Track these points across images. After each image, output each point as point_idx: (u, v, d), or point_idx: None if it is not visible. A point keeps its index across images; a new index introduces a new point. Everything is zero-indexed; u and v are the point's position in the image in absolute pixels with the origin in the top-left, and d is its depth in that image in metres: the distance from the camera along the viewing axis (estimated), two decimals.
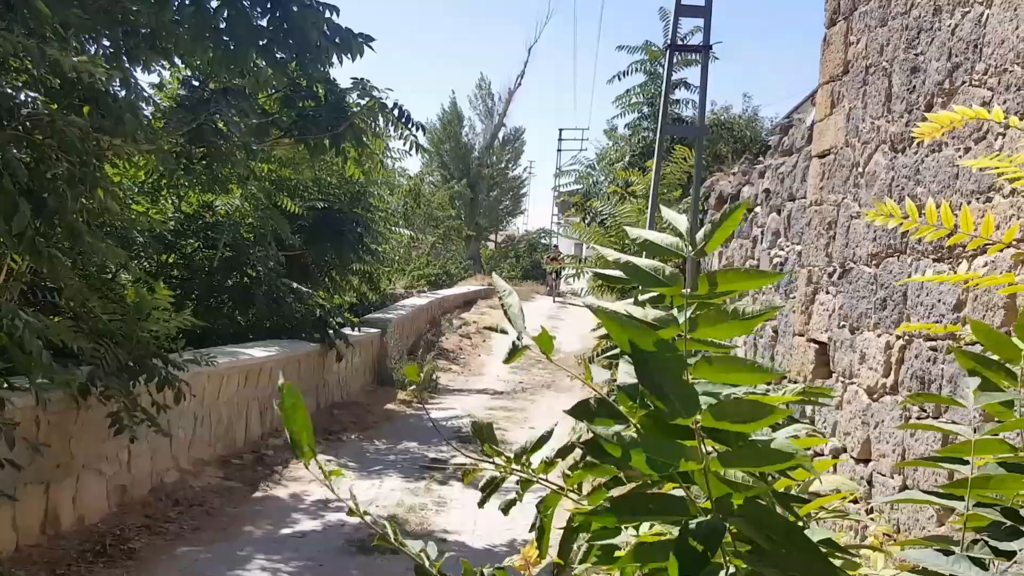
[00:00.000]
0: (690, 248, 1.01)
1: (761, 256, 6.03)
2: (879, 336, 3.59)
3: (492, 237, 39.63)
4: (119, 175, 7.12)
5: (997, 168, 1.97)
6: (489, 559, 1.42)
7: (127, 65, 5.03)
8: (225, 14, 4.85)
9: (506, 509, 1.36)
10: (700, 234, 1.02)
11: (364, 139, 6.65)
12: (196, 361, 5.38)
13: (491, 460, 1.34)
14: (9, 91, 3.82)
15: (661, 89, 8.71)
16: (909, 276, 3.28)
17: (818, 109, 4.55)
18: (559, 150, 41.31)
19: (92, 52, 4.89)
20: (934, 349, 3.12)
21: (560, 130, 48.46)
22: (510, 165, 40.24)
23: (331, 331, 9.67)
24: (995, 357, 1.08)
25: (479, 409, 11.09)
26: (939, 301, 3.03)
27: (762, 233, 6.08)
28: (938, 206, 3.19)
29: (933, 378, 3.09)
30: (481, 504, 1.37)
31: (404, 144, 6.99)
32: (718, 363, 0.95)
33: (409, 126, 6.73)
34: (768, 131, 14.26)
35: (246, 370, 7.57)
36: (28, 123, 3.57)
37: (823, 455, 4.20)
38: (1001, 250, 2.81)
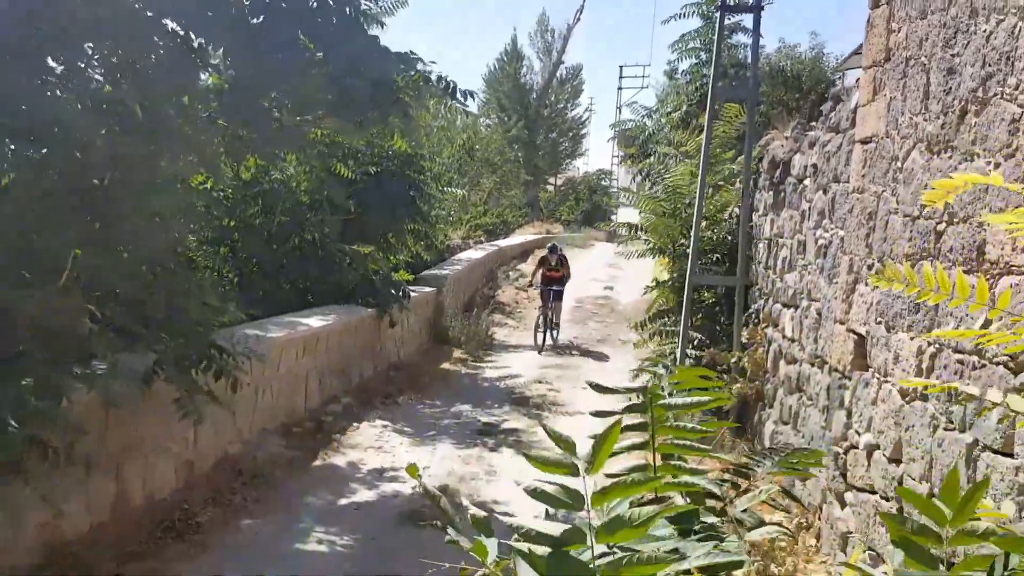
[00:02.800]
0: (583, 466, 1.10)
1: (808, 235, 5.94)
2: (912, 339, 3.57)
3: (551, 180, 39.35)
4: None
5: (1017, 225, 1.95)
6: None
7: None
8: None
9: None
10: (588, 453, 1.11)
11: (410, 113, 6.69)
12: (247, 355, 5.63)
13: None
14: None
15: (715, 39, 8.47)
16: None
17: (861, 93, 4.43)
18: (620, 88, 40.40)
19: None
20: (961, 363, 3.10)
21: (621, 67, 47.20)
22: (569, 105, 39.60)
23: (386, 296, 9.91)
24: (925, 520, 1.13)
25: (533, 368, 11.28)
26: (967, 315, 3.00)
27: (809, 209, 5.98)
28: (967, 219, 3.13)
29: (959, 393, 3.08)
30: None
31: (451, 113, 6.99)
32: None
33: (456, 96, 6.74)
34: (832, 69, 13.74)
35: (303, 341, 7.85)
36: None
37: (858, 448, 4.22)
38: None
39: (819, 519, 5.07)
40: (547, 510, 1.48)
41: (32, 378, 3.95)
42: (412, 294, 10.86)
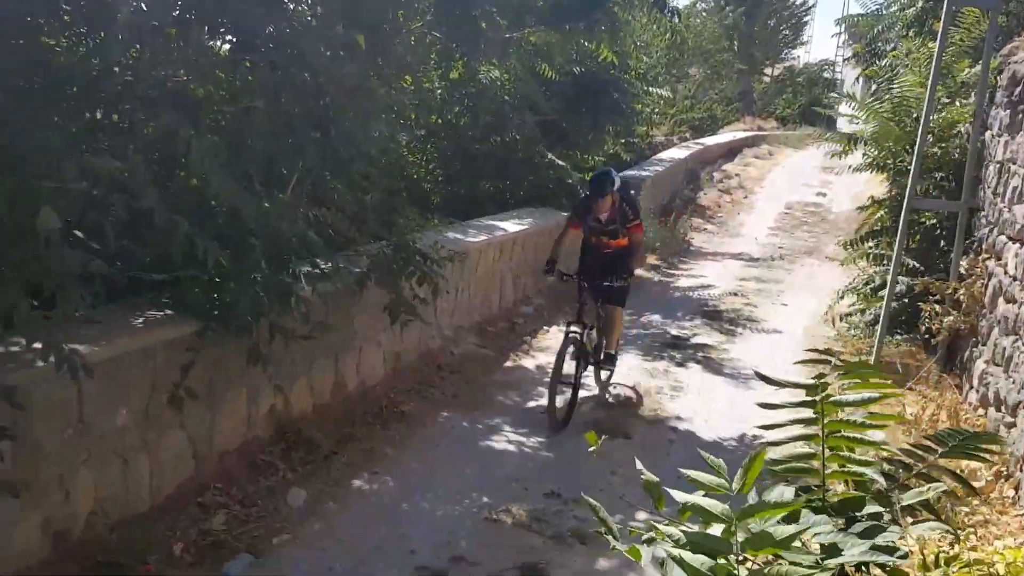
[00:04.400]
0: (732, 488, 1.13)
1: None
2: None
3: (766, 71, 36.89)
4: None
5: None
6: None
7: None
8: None
9: None
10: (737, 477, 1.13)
11: (617, 24, 6.58)
12: (449, 258, 6.00)
13: None
14: None
15: None
16: None
17: None
18: None
19: None
20: None
21: None
22: None
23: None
24: None
25: (729, 279, 11.04)
26: None
27: None
28: None
29: None
30: None
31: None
32: None
33: (664, 12, 6.54)
34: None
35: (500, 244, 8.16)
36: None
37: None
38: None
39: (1021, 470, 4.76)
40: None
41: (261, 276, 4.43)
42: None
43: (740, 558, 1.21)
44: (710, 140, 21.04)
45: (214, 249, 3.69)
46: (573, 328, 5.94)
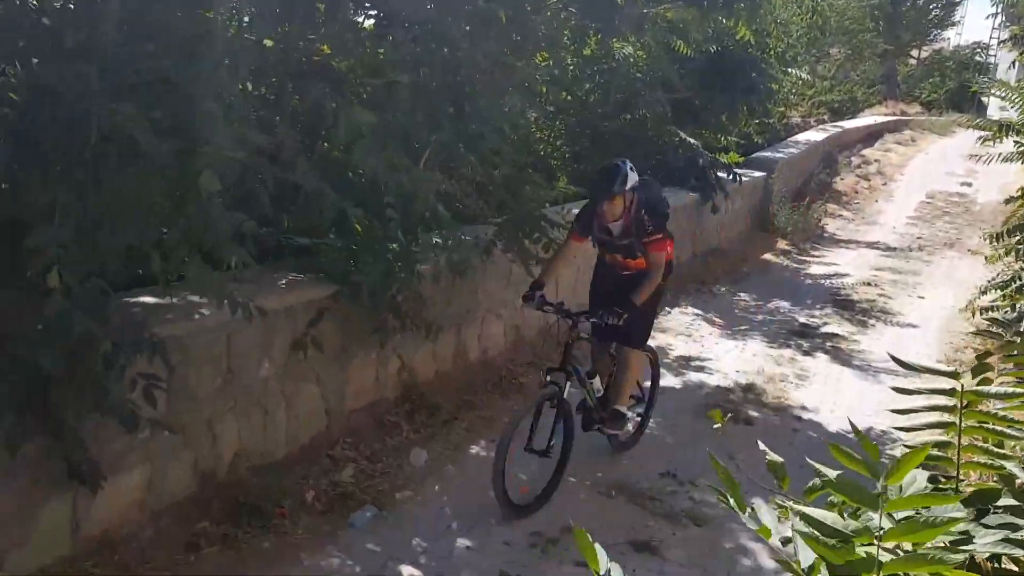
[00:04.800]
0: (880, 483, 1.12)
1: None
2: None
3: (913, 53, 34.75)
4: None
5: None
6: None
7: None
8: None
9: None
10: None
11: (757, 2, 6.40)
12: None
13: None
14: None
15: None
16: None
17: None
18: None
19: None
20: None
21: None
22: None
23: (711, 179, 9.79)
24: None
25: (863, 268, 10.60)
26: None
27: None
28: None
29: None
30: None
31: None
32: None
33: None
34: None
35: None
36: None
37: None
38: None
39: None
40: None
41: (396, 245, 4.62)
42: (739, 178, 10.57)
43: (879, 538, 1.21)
44: (849, 123, 20.07)
45: (360, 217, 3.88)
46: (551, 378, 4.42)
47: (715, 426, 2.05)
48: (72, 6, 3.15)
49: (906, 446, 1.65)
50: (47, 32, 2.94)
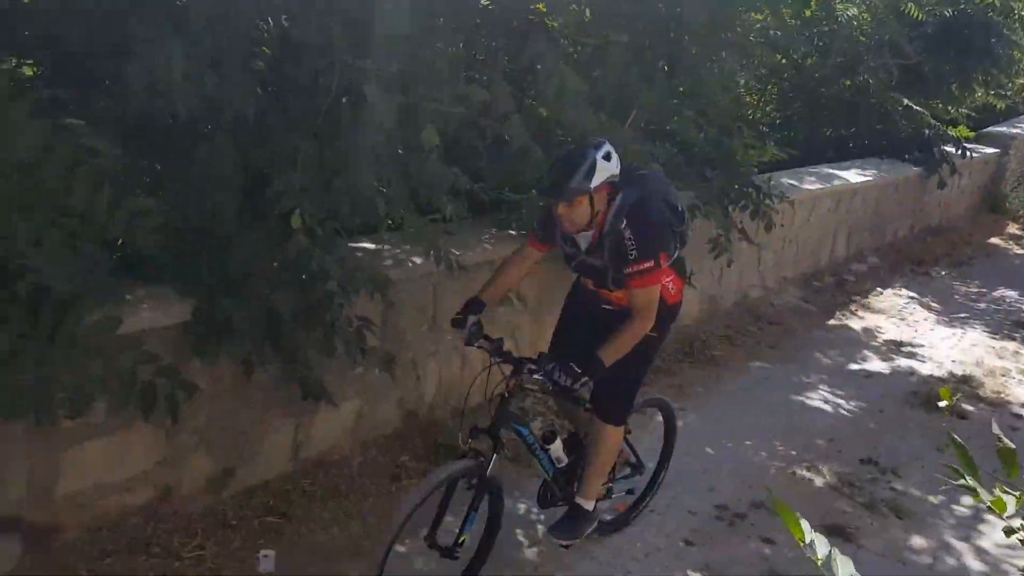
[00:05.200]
0: None
1: None
2: None
3: None
4: None
5: None
6: None
7: None
8: None
9: None
10: None
11: None
12: (783, 196, 5.80)
13: None
14: None
15: None
16: None
17: None
18: None
19: None
20: None
21: None
22: None
23: (936, 154, 9.01)
24: None
25: None
26: None
27: None
28: None
29: None
30: None
31: None
32: None
33: None
34: None
35: (837, 194, 7.69)
36: None
37: None
38: None
39: None
40: None
41: None
42: (968, 154, 9.64)
43: None
44: None
45: None
46: (474, 444, 3.05)
47: (941, 403, 1.95)
48: None
49: None
50: None
